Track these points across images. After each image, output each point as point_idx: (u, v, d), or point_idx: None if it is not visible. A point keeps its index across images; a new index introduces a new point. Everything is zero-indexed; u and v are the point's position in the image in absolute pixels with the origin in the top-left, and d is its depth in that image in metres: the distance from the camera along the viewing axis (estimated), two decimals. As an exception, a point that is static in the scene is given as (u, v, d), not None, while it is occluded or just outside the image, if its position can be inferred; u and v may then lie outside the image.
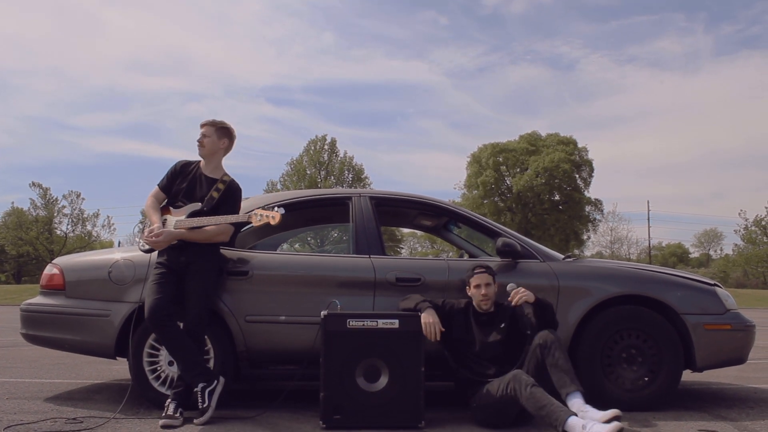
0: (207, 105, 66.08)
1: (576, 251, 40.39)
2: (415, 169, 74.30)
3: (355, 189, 4.82)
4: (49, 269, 4.11)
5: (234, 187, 3.77)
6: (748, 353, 4.05)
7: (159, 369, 3.77)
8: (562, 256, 4.12)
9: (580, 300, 3.86)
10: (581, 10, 69.82)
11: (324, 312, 3.41)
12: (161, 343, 3.67)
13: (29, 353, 6.70)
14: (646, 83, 69.03)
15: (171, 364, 3.72)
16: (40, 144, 68.63)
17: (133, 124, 68.70)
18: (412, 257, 5.56)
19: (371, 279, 3.86)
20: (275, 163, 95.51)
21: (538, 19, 69.17)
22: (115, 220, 49.82)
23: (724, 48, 69.38)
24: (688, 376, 4.55)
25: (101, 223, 46.34)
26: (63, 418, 3.42)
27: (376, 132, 75.60)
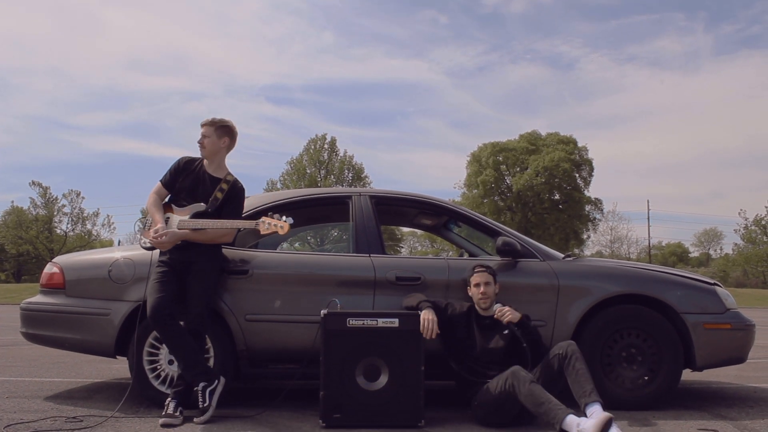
0: (207, 104, 66.22)
1: (576, 250, 40.38)
2: (415, 168, 74.42)
3: (355, 188, 4.81)
4: (49, 268, 4.11)
5: (238, 187, 3.77)
6: (747, 352, 4.05)
7: (159, 368, 3.77)
8: (562, 255, 4.12)
9: (580, 299, 3.86)
10: (581, 10, 69.90)
11: (324, 311, 3.41)
12: (162, 342, 3.68)
13: (29, 352, 6.70)
14: (645, 83, 69.09)
15: (171, 362, 3.72)
16: (40, 143, 68.78)
17: (133, 124, 68.84)
18: (412, 256, 5.56)
19: (371, 278, 3.86)
20: (275, 162, 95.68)
21: (538, 18, 69.25)
22: (115, 219, 49.61)
23: (724, 47, 69.49)
24: (687, 376, 4.54)
25: (101, 222, 46.47)
26: (63, 416, 3.42)
27: (375, 131, 75.67)
